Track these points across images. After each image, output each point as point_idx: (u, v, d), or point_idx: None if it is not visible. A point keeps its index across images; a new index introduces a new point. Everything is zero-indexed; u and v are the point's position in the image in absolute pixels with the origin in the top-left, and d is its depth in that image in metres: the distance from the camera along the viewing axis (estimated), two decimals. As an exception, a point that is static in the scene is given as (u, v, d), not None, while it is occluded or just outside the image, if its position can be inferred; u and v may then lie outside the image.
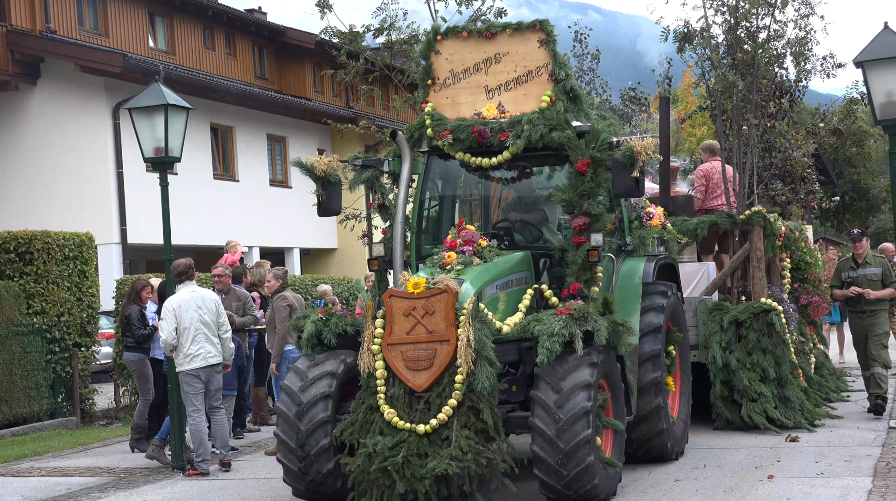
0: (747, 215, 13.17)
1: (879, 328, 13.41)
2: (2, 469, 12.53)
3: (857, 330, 13.55)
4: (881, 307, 13.43)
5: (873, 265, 13.48)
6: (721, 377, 12.67)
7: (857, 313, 13.49)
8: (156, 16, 29.26)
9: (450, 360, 8.68)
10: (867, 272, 13.39)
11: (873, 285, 13.33)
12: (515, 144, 10.00)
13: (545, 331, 8.77)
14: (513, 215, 10.81)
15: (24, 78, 24.84)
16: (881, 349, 13.30)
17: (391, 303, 8.87)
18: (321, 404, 9.05)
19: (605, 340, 8.84)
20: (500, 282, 9.53)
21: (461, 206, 11.20)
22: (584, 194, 9.71)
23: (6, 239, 15.94)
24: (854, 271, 13.47)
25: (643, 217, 11.08)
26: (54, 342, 16.16)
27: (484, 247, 9.61)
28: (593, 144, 9.79)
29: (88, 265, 16.77)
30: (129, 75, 24.09)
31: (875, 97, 10.76)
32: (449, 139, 10.19)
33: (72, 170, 24.90)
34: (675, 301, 11.10)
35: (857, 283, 13.34)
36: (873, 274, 13.36)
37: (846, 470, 9.89)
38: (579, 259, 9.71)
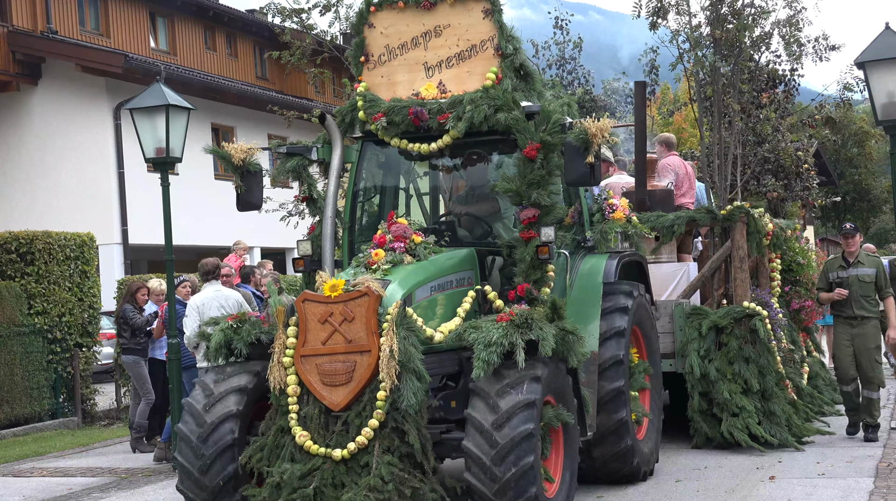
0: (728, 210, 11.96)
1: (870, 340, 11.76)
2: (3, 470, 12.52)
3: (841, 339, 12.04)
4: (872, 314, 11.92)
5: (866, 266, 11.90)
6: (699, 388, 11.47)
7: (844, 319, 11.96)
8: (157, 16, 29.40)
9: (371, 374, 7.50)
10: (858, 273, 11.82)
11: (865, 289, 11.85)
12: (456, 128, 8.81)
13: (481, 340, 7.59)
14: (457, 208, 9.63)
15: (26, 78, 25.01)
16: (875, 366, 11.83)
17: (305, 308, 7.69)
18: (228, 424, 7.86)
19: (551, 350, 7.64)
20: (436, 283, 8.34)
21: (403, 198, 10.01)
22: (533, 183, 8.55)
23: (7, 239, 16.02)
24: (844, 271, 11.95)
25: (605, 210, 9.87)
26: (56, 342, 16.15)
27: (418, 243, 8.43)
28: (543, 127, 8.62)
29: (90, 266, 16.86)
30: (130, 76, 24.19)
31: (876, 98, 10.50)
32: (382, 123, 9.01)
33: (73, 170, 24.91)
34: (642, 303, 9.91)
35: (847, 285, 11.92)
36: (865, 275, 11.72)
37: (848, 471, 9.84)
38: (528, 257, 8.53)
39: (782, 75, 16.56)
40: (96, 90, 24.91)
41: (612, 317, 9.41)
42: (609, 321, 9.38)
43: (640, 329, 10.11)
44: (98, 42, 26.61)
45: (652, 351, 10.35)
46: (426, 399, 7.61)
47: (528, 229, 8.58)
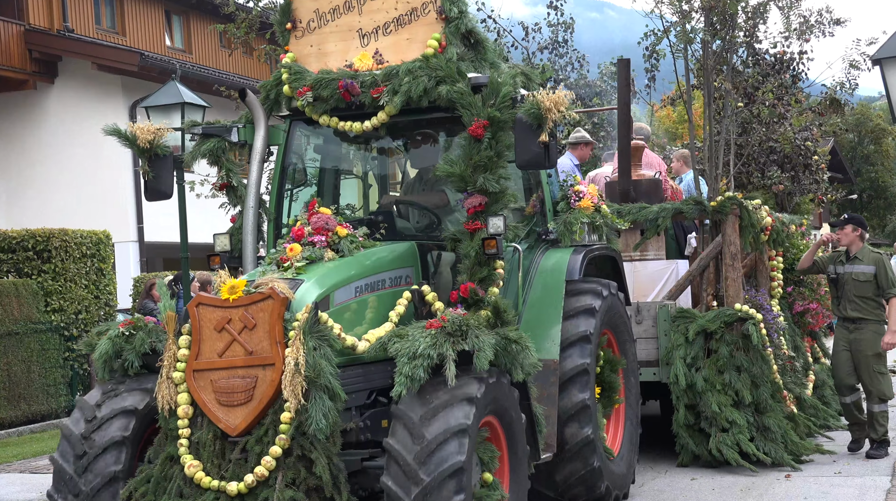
0: (719, 201, 10.69)
1: (868, 347, 10.44)
2: (20, 466, 12.60)
3: (838, 345, 10.82)
4: (871, 317, 10.62)
5: (864, 263, 10.52)
6: (685, 400, 10.24)
7: (841, 322, 10.78)
8: (172, 14, 29.33)
9: (274, 391, 6.30)
10: (855, 270, 10.51)
11: (861, 288, 10.56)
12: (391, 103, 7.60)
13: (405, 352, 6.38)
14: (396, 197, 8.46)
15: (42, 76, 24.91)
16: (876, 376, 10.44)
17: (199, 314, 6.49)
18: (112, 454, 6.65)
19: (488, 363, 6.43)
20: (364, 283, 7.13)
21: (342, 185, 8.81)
22: (479, 166, 7.34)
23: (24, 237, 16.30)
24: (842, 266, 10.71)
25: (571, 198, 8.64)
26: (72, 339, 16.36)
27: (343, 237, 7.22)
28: (492, 101, 7.41)
29: (106, 263, 17.23)
30: (145, 74, 24.19)
31: (893, 95, 10.30)
32: (308, 98, 7.81)
33: (89, 168, 24.65)
34: (614, 305, 8.68)
35: (842, 284, 10.67)
36: (862, 274, 10.48)
37: (864, 469, 9.77)
38: (473, 252, 7.32)
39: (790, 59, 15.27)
40: (112, 88, 24.85)
41: (576, 320, 8.22)
42: (572, 325, 8.18)
43: (613, 334, 8.89)
44: (114, 40, 26.66)
45: (628, 359, 9.11)
46: (341, 421, 6.41)
47: (473, 219, 7.38)
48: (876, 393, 10.40)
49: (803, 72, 15.30)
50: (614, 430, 8.99)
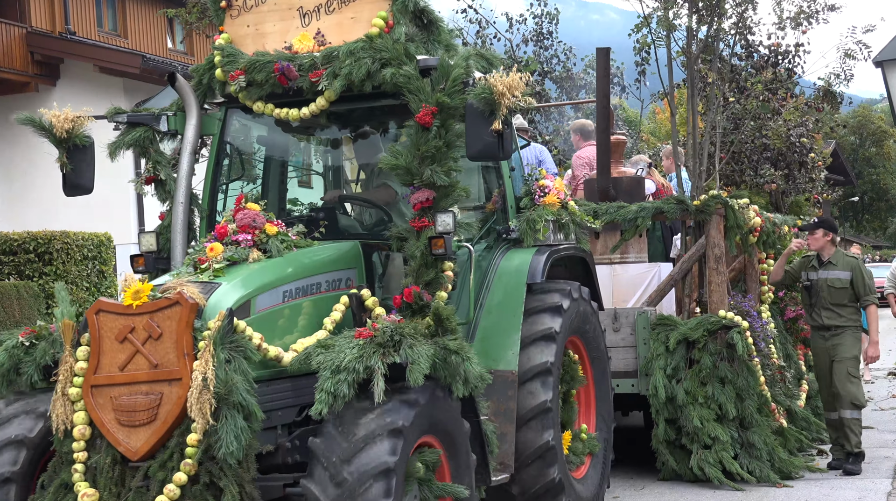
0: (703, 200, 9.94)
1: (846, 350, 9.89)
2: None
3: (818, 356, 10.19)
4: (849, 323, 9.95)
5: (839, 268, 9.96)
6: (665, 414, 9.51)
7: (816, 333, 10.16)
8: None
9: (181, 410, 5.54)
10: (829, 276, 9.93)
11: (836, 295, 9.92)
12: (331, 87, 6.85)
13: (328, 365, 5.63)
14: (339, 192, 7.73)
15: (44, 79, 24.67)
16: (848, 381, 9.83)
17: (99, 322, 5.74)
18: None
19: (423, 378, 5.67)
20: (294, 287, 6.37)
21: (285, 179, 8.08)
22: (427, 157, 6.59)
23: (25, 239, 16.23)
24: (815, 272, 10.09)
25: (535, 193, 7.89)
26: None
27: (273, 235, 6.48)
28: (441, 85, 6.66)
29: (107, 265, 17.18)
30: (147, 76, 23.74)
31: (894, 97, 10.60)
32: (241, 82, 7.05)
33: None
34: (582, 309, 7.93)
35: (816, 291, 10.03)
36: (836, 280, 9.91)
37: (865, 472, 9.64)
38: (418, 252, 6.57)
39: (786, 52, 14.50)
40: (114, 91, 24.22)
41: (538, 318, 7.48)
42: (534, 323, 7.45)
43: (581, 341, 8.14)
44: (116, 43, 26.42)
45: (599, 369, 8.35)
46: (260, 443, 5.67)
47: (420, 215, 6.63)
48: (849, 398, 9.80)
49: (799, 65, 14.52)
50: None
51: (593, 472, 8.08)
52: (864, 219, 51.59)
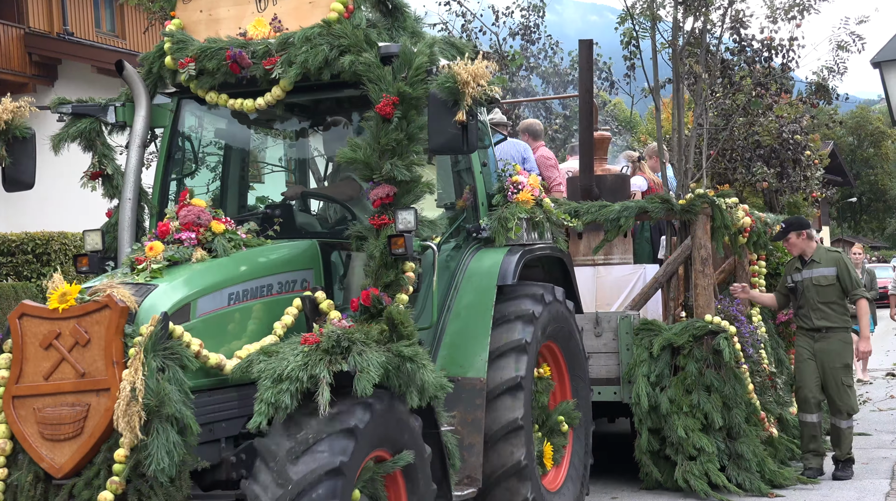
0: (688, 199, 9.48)
1: (836, 358, 9.46)
2: None
3: (802, 355, 9.72)
4: (839, 324, 9.50)
5: (823, 265, 9.54)
6: (648, 423, 9.05)
7: (804, 333, 9.72)
8: None
9: (109, 423, 5.09)
10: (814, 275, 9.52)
11: (825, 294, 9.50)
12: (286, 76, 6.39)
13: (269, 373, 5.18)
14: (298, 188, 7.30)
15: (42, 79, 24.29)
16: (844, 390, 9.47)
17: (22, 327, 5.29)
18: None
19: (372, 387, 5.22)
20: (242, 289, 5.93)
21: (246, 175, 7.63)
22: (387, 151, 6.13)
23: (24, 240, 16.20)
24: (799, 273, 9.64)
25: (508, 190, 7.44)
26: None
27: (220, 233, 6.03)
28: (403, 74, 6.21)
29: None
30: None
31: (892, 98, 10.15)
32: (191, 70, 6.60)
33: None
34: (559, 313, 7.49)
35: (802, 292, 9.61)
36: (823, 277, 9.50)
37: (863, 472, 9.56)
38: (377, 252, 6.12)
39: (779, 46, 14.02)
40: (112, 91, 23.72)
41: (509, 327, 7.05)
42: (504, 333, 7.02)
43: (558, 348, 7.70)
44: (113, 44, 26.16)
45: (576, 377, 7.91)
46: (194, 459, 5.22)
47: (380, 213, 6.18)
48: (844, 408, 9.45)
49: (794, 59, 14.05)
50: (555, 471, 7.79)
51: (571, 484, 7.66)
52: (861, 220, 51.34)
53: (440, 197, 7.45)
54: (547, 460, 7.56)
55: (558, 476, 7.69)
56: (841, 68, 11.64)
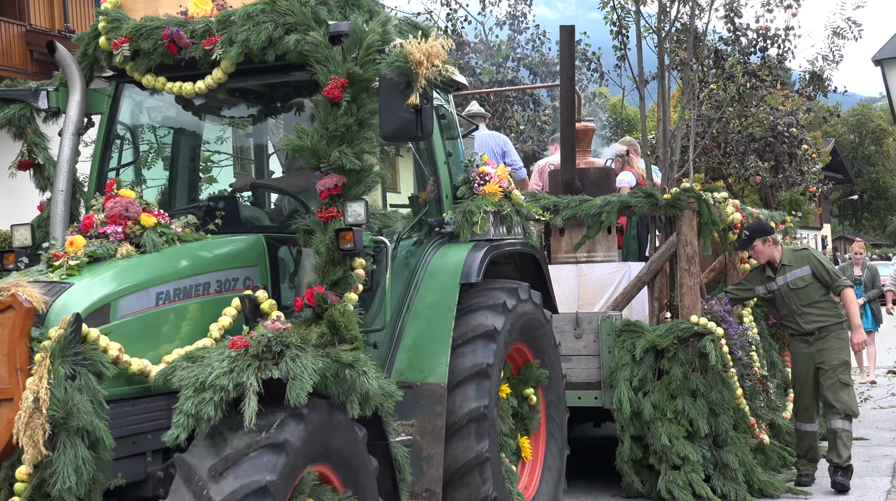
0: (674, 193, 8.96)
1: (833, 357, 8.91)
2: None
3: (798, 360, 9.18)
4: (831, 321, 8.95)
5: (794, 267, 8.98)
6: (631, 431, 8.55)
7: (797, 336, 9.15)
8: None
9: (10, 437, 4.58)
10: (790, 279, 8.97)
11: (807, 295, 8.93)
12: (226, 56, 5.89)
13: (190, 382, 4.67)
14: (247, 179, 6.80)
15: (43, 77, 23.90)
16: (841, 389, 8.89)
17: (-81, 328, 4.77)
18: None
19: (304, 396, 4.71)
20: (174, 287, 5.42)
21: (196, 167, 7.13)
22: (335, 137, 5.63)
23: None
24: (773, 281, 9.06)
25: (474, 181, 6.92)
26: None
27: (149, 227, 5.52)
28: (354, 54, 5.70)
29: None
30: None
31: (894, 96, 9.85)
32: (125, 51, 6.10)
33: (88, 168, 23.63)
34: (529, 312, 6.97)
35: (782, 300, 9.06)
36: (799, 279, 8.96)
37: (864, 470, 9.46)
38: (324, 247, 5.61)
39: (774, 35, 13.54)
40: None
41: (476, 315, 6.55)
42: (471, 321, 6.52)
43: (530, 351, 7.19)
44: None
45: (551, 380, 7.40)
46: (108, 476, 4.71)
47: (328, 205, 5.67)
48: (842, 409, 8.84)
49: (789, 49, 13.55)
50: (532, 468, 7.29)
51: (548, 478, 7.17)
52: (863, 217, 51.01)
53: None
54: (525, 451, 7.09)
55: (530, 488, 7.19)
56: (836, 56, 11.12)
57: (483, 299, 6.64)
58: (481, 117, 11.05)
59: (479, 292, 6.70)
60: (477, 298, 6.64)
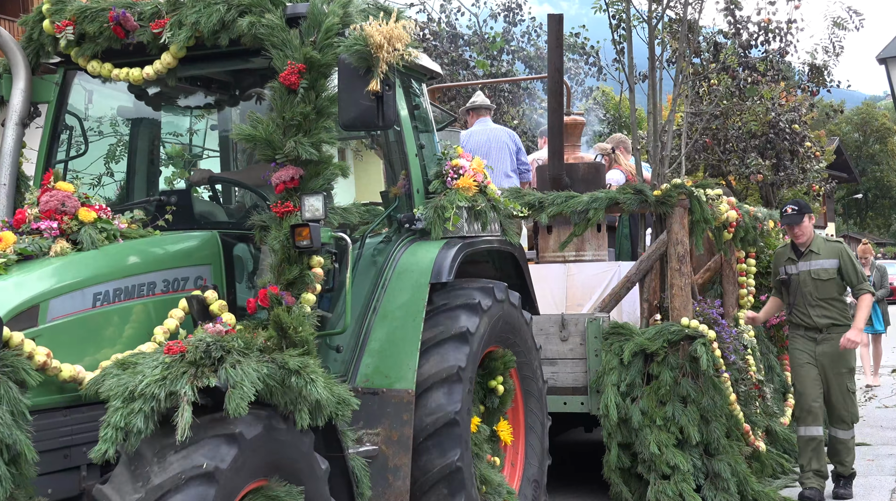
0: (664, 189, 8.55)
1: (841, 362, 8.42)
2: None
3: (800, 360, 8.58)
4: (842, 321, 8.41)
5: (822, 256, 8.42)
6: (618, 438, 8.13)
7: (803, 331, 8.59)
8: None
9: (-80, 452, 4.19)
10: (813, 267, 8.43)
11: (824, 289, 8.41)
12: (175, 40, 5.49)
13: (117, 391, 4.28)
14: (204, 173, 6.40)
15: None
16: (849, 398, 8.49)
17: None
18: None
19: (244, 407, 4.31)
20: (114, 287, 5.03)
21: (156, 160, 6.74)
22: (292, 127, 5.23)
23: None
24: (793, 264, 8.53)
25: (447, 175, 6.52)
26: None
27: (89, 223, 5.13)
28: (312, 38, 5.31)
29: None
30: None
31: None
32: (69, 34, 5.72)
33: None
34: (507, 313, 6.57)
35: (797, 286, 8.54)
36: (823, 270, 8.41)
37: (869, 469, 9.42)
38: (278, 244, 5.22)
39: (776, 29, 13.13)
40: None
41: (448, 316, 6.14)
42: (442, 322, 6.11)
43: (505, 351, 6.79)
44: None
45: (530, 392, 7.00)
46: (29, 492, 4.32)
47: (283, 199, 5.28)
48: (848, 418, 8.51)
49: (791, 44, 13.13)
50: (509, 476, 6.89)
51: (526, 491, 6.75)
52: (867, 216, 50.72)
53: None
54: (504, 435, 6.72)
55: (513, 482, 6.81)
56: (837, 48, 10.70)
57: (456, 298, 6.24)
58: (486, 110, 10.64)
59: (451, 291, 6.30)
60: (449, 298, 6.25)
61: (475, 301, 6.21)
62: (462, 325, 6.09)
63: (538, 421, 7.07)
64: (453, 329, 6.08)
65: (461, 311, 6.18)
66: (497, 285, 6.51)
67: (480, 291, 6.35)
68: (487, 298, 6.33)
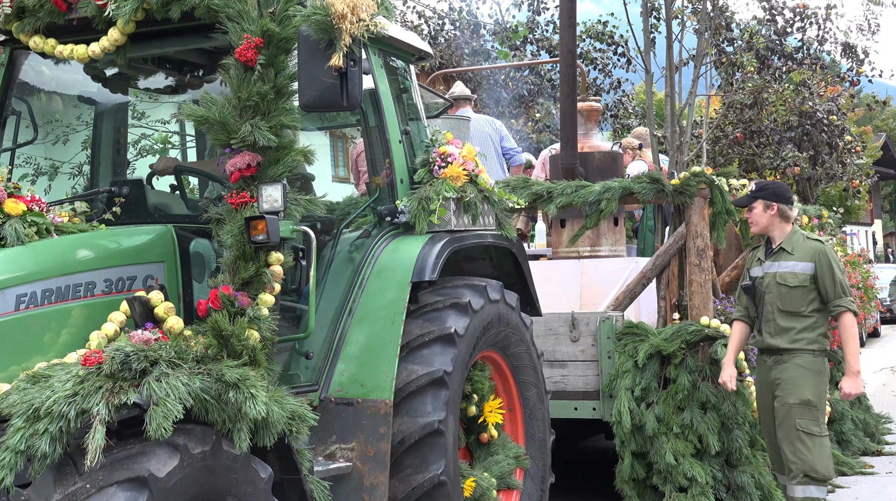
0: (682, 178, 7.91)
1: (793, 391, 6.25)
2: None
3: (761, 393, 6.55)
4: (800, 345, 6.26)
5: (795, 257, 6.32)
6: (632, 446, 7.53)
7: (761, 359, 6.53)
8: None
9: None
10: (780, 270, 6.33)
11: (788, 300, 6.29)
12: (121, 13, 4.96)
13: (20, 409, 3.76)
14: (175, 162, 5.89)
15: None
16: (798, 441, 6.20)
17: None
18: None
19: (168, 427, 3.75)
20: (43, 288, 4.51)
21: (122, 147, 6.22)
22: (248, 108, 4.68)
23: None
24: (760, 266, 6.51)
25: (434, 163, 5.93)
26: None
27: (16, 215, 4.60)
28: (271, 9, 4.76)
29: None
30: None
31: None
32: (5, 8, 5.20)
33: None
34: (502, 315, 5.99)
35: (760, 293, 6.43)
36: (791, 274, 6.29)
37: None
38: (231, 238, 4.66)
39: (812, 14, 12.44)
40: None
41: (434, 316, 5.59)
42: (426, 323, 5.55)
43: (504, 360, 6.21)
44: None
45: (528, 397, 6.40)
46: None
47: (239, 188, 4.72)
48: (799, 468, 6.19)
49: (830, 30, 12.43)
50: (505, 495, 6.31)
51: None
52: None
53: None
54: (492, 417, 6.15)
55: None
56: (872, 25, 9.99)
57: (443, 298, 5.67)
58: (466, 100, 10.07)
59: (439, 290, 5.73)
60: (436, 297, 5.68)
61: (465, 301, 5.64)
62: (449, 326, 5.51)
63: (538, 436, 6.48)
64: (439, 330, 5.51)
65: (449, 311, 5.61)
66: (490, 284, 5.92)
67: (471, 289, 5.77)
68: (479, 297, 5.75)
